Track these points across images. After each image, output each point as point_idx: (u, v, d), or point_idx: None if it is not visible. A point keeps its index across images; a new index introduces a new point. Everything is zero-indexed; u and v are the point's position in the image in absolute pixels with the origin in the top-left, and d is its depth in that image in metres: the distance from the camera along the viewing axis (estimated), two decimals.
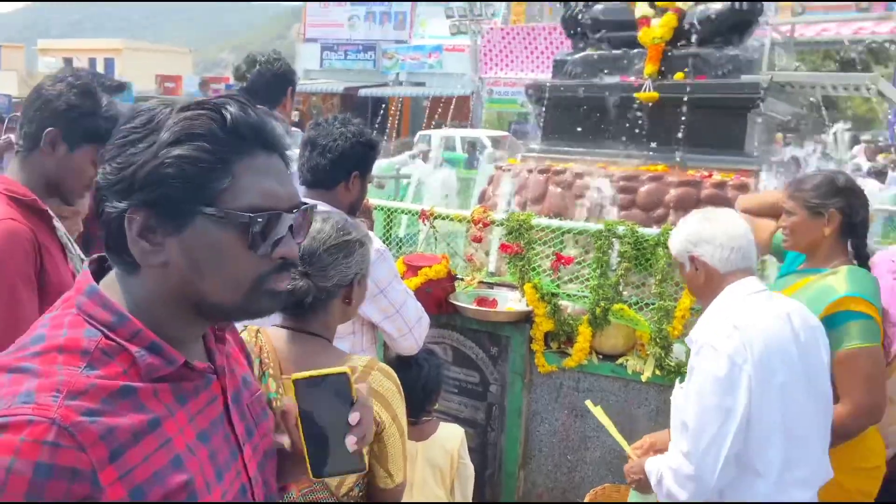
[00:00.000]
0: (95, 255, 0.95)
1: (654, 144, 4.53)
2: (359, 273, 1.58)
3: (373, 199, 3.13)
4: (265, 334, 1.54)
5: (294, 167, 2.08)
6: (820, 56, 22.60)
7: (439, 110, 18.34)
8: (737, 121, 4.31)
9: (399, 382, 1.55)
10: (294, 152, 1.93)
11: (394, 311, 2.09)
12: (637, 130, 4.55)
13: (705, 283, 1.96)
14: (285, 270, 0.92)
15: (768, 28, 4.41)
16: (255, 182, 0.88)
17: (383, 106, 17.74)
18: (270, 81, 3.04)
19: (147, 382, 0.85)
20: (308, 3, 26.49)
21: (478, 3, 19.81)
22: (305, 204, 0.94)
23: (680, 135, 4.33)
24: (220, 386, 0.97)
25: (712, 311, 1.93)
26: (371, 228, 2.44)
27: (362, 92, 23.13)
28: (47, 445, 0.75)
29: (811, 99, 5.75)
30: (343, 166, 2.11)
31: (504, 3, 22.61)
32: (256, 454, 1.00)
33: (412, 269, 3.14)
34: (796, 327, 1.85)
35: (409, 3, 24.76)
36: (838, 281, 2.13)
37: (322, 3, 25.92)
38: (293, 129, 3.86)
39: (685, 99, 4.30)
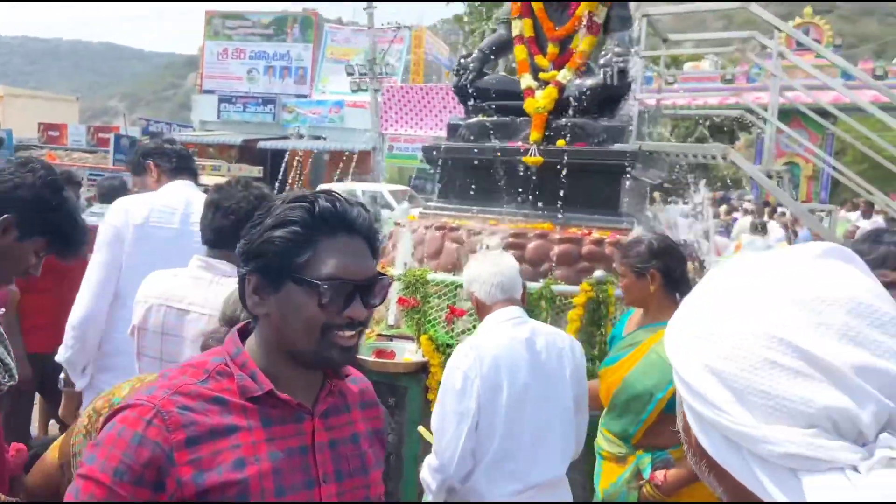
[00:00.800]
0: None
1: (539, 204, 4.90)
2: None
3: None
4: None
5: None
6: (693, 122, 24.75)
7: (341, 164, 18.56)
8: (611, 184, 4.74)
9: None
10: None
11: None
12: (524, 191, 4.91)
13: (479, 312, 2.40)
14: (352, 328, 1.17)
15: (636, 102, 4.90)
16: (332, 257, 1.15)
17: (284, 159, 17.73)
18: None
19: (240, 399, 1.15)
20: (206, 55, 26.31)
21: (378, 61, 20.37)
22: (379, 276, 1.20)
23: (562, 196, 4.71)
24: (311, 426, 1.19)
25: (479, 329, 2.39)
26: None
27: (261, 144, 23.03)
28: (144, 421, 1.07)
29: (682, 164, 6.38)
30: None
31: (402, 64, 23.39)
32: (341, 497, 1.20)
33: None
34: (538, 348, 2.25)
35: (310, 58, 25.13)
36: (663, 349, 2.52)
37: (220, 55, 25.83)
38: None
39: (566, 164, 4.70)
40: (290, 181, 16.64)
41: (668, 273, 2.52)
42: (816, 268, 0.61)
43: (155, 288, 2.16)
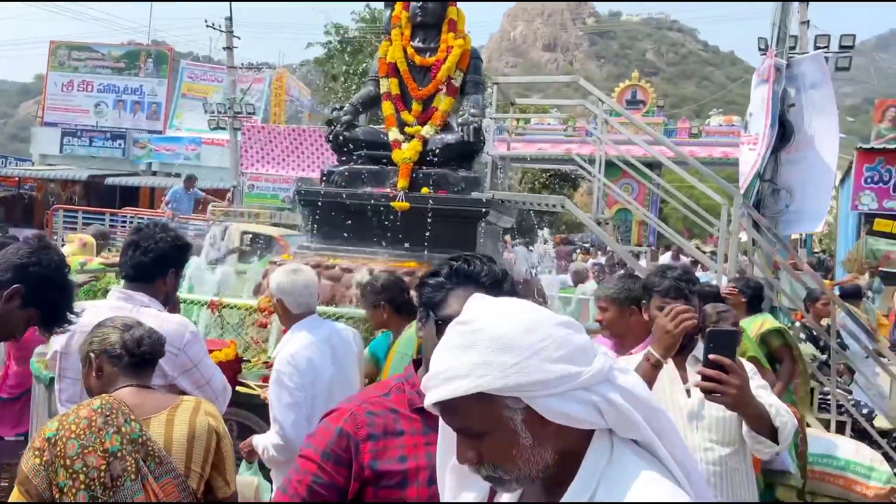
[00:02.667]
0: None
1: (406, 244, 5.43)
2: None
3: None
4: (116, 395, 1.96)
5: None
6: (540, 171, 26.71)
7: (199, 204, 18.13)
8: (470, 227, 5.38)
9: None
10: None
11: (204, 382, 2.54)
12: (393, 233, 5.43)
13: (284, 318, 2.98)
14: None
15: (489, 157, 5.61)
16: (453, 303, 1.51)
17: (141, 197, 17.06)
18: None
19: (409, 411, 1.53)
20: (48, 86, 24.80)
21: (238, 100, 20.28)
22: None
23: (427, 237, 5.27)
24: None
25: (284, 340, 2.96)
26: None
27: (110, 181, 21.96)
28: (344, 420, 1.50)
29: (531, 210, 7.20)
30: (162, 264, 2.56)
31: (263, 104, 23.39)
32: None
33: None
34: (334, 342, 2.92)
35: (165, 93, 24.45)
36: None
37: (65, 87, 24.48)
38: None
39: (430, 209, 5.28)
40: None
41: (394, 302, 3.31)
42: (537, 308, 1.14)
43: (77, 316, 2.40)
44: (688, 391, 2.30)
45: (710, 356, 1.89)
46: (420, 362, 1.62)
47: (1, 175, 23.21)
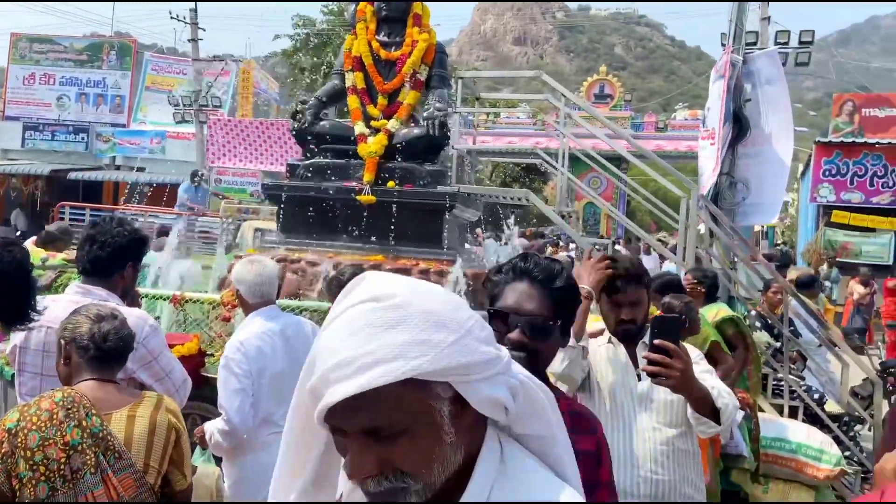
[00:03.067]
0: None
1: (373, 238, 5.47)
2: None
3: None
4: (77, 388, 1.98)
5: None
6: (516, 166, 26.87)
7: (164, 198, 17.88)
8: (435, 221, 5.44)
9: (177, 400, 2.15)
10: None
11: (164, 375, 2.56)
12: (359, 226, 5.47)
13: (243, 308, 3.04)
14: (515, 350, 1.54)
15: (455, 150, 5.67)
16: (505, 296, 1.64)
17: (105, 192, 16.78)
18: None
19: None
20: (9, 79, 24.20)
21: (203, 92, 20.01)
22: (535, 314, 1.60)
23: (393, 231, 5.31)
24: None
25: (241, 326, 3.00)
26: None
27: (73, 175, 21.53)
28: None
29: (499, 203, 7.28)
30: (120, 258, 2.57)
31: (229, 96, 23.12)
32: None
33: None
34: (289, 335, 2.94)
35: (128, 86, 24.03)
36: None
37: (26, 80, 23.91)
38: None
39: (396, 203, 5.33)
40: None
41: None
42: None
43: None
44: (638, 375, 2.39)
45: (656, 341, 1.99)
46: None
47: None
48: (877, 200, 16.15)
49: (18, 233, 17.09)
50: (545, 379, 1.69)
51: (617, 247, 14.98)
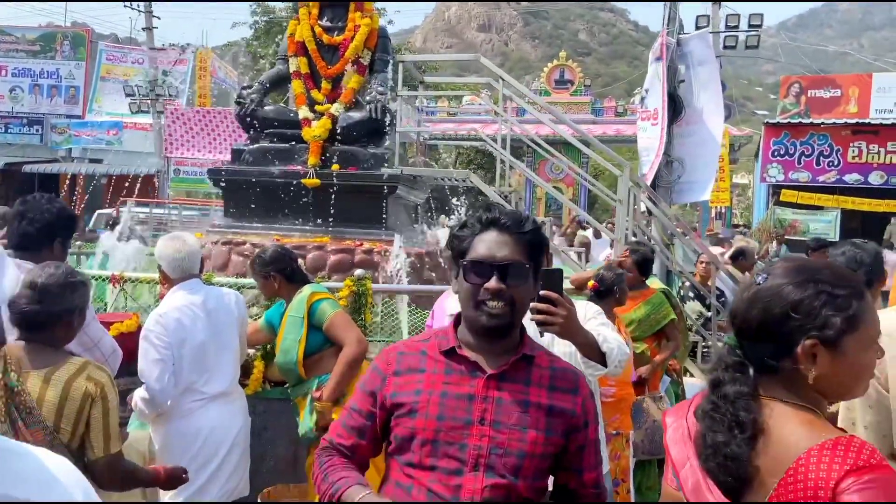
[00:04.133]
0: None
1: (318, 220, 5.60)
2: (81, 305, 2.24)
3: None
4: (9, 347, 2.10)
5: None
6: (478, 152, 27.07)
7: (124, 189, 17.69)
8: (378, 202, 5.58)
9: (112, 378, 2.23)
10: None
11: (92, 344, 2.67)
12: (304, 209, 5.59)
13: (166, 283, 3.18)
14: (495, 299, 1.59)
15: (397, 133, 5.81)
16: (478, 246, 1.63)
17: (61, 184, 16.52)
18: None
19: (437, 353, 1.65)
20: None
21: (160, 82, 19.80)
22: (511, 260, 1.62)
23: (336, 213, 5.45)
24: (483, 382, 1.60)
25: (163, 302, 3.12)
26: None
27: (28, 168, 21.15)
28: (380, 359, 1.72)
29: (447, 185, 7.45)
30: (48, 234, 2.68)
31: (187, 86, 22.86)
32: (494, 439, 1.56)
33: (105, 326, 3.64)
34: (211, 306, 3.09)
35: (83, 77, 23.60)
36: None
37: None
38: None
39: (339, 185, 5.46)
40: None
41: (283, 272, 3.40)
42: None
43: None
44: (540, 332, 2.59)
45: (542, 292, 2.18)
46: (459, 318, 1.70)
47: None
48: (823, 179, 16.69)
49: None
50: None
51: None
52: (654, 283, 5.09)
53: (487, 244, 1.62)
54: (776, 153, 16.80)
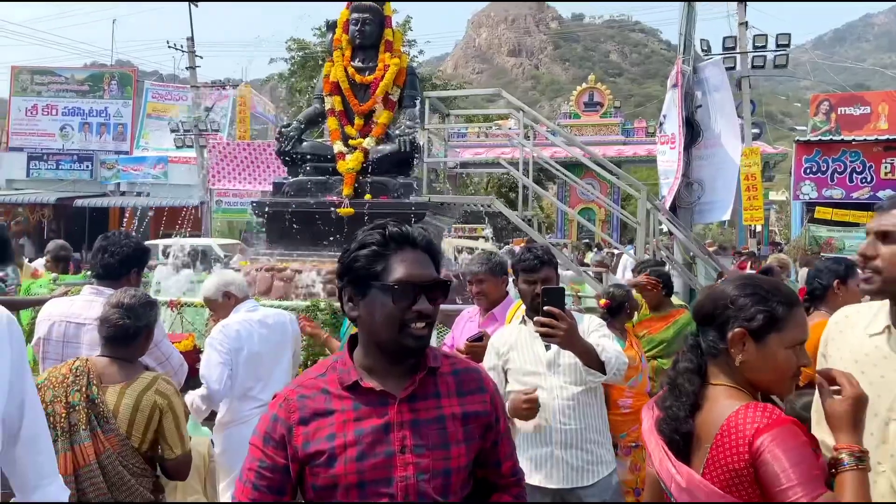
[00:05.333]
0: None
1: None
2: (154, 322, 2.66)
3: None
4: (91, 360, 2.51)
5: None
6: (508, 177, 27.49)
7: (164, 219, 18.45)
8: None
9: (177, 389, 2.62)
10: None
11: (164, 358, 3.08)
12: (339, 236, 5.99)
13: (232, 305, 3.58)
14: (421, 320, 1.48)
15: (425, 164, 6.21)
16: (400, 266, 1.47)
17: (111, 217, 17.34)
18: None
19: (340, 389, 1.51)
20: (12, 111, 24.94)
21: (203, 118, 20.70)
22: (438, 279, 1.51)
23: None
24: (395, 409, 1.48)
25: (224, 319, 3.53)
26: None
27: (78, 202, 22.20)
28: (278, 406, 1.52)
29: (477, 210, 7.83)
30: (126, 265, 3.10)
31: (227, 120, 23.81)
32: (419, 465, 1.47)
33: None
34: (269, 323, 3.50)
35: (130, 114, 24.75)
36: None
37: (29, 111, 24.66)
38: None
39: (371, 213, 5.85)
40: None
41: None
42: None
43: (56, 309, 2.98)
44: (546, 346, 2.89)
45: (545, 308, 2.50)
46: (355, 339, 1.59)
47: None
48: (857, 196, 16.62)
49: (27, 259, 17.69)
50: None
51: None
52: (675, 301, 5.33)
53: (409, 264, 1.49)
54: (808, 171, 16.80)
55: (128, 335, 2.53)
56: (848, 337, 1.89)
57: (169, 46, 20.68)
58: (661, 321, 4.50)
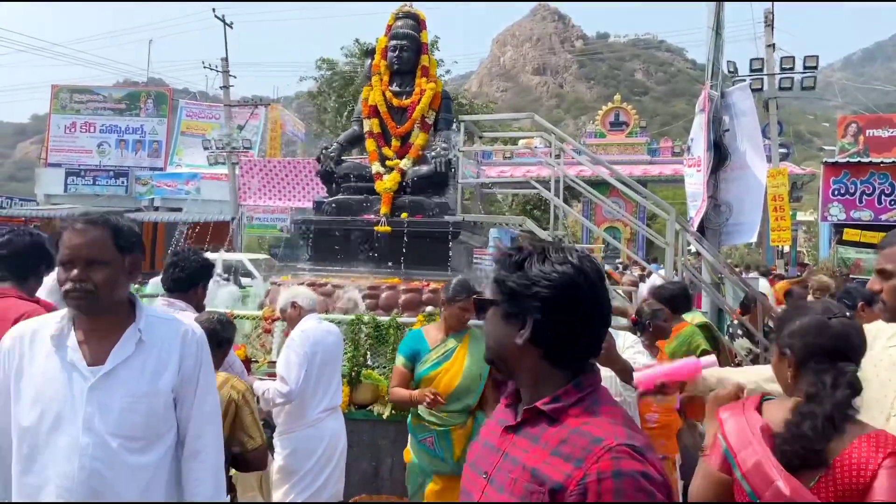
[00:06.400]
0: None
1: (389, 263, 6.23)
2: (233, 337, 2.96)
3: None
4: None
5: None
6: (536, 195, 27.67)
7: (193, 235, 18.87)
8: (443, 246, 6.17)
9: (250, 387, 2.88)
10: None
11: (229, 365, 3.33)
12: (376, 253, 6.24)
13: (296, 317, 3.86)
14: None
15: (459, 184, 6.45)
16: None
17: (144, 232, 17.83)
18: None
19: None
20: (51, 128, 25.78)
21: (235, 136, 21.21)
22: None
23: (406, 256, 6.07)
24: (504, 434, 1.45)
25: (298, 325, 3.81)
26: None
27: None
28: None
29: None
30: (194, 279, 3.37)
31: (259, 138, 24.36)
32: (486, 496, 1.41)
33: None
34: (333, 333, 3.78)
35: (165, 132, 25.45)
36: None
37: (68, 129, 25.46)
38: None
39: (408, 232, 6.09)
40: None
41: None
42: None
43: None
44: None
45: None
46: None
47: (6, 216, 24.04)
48: (886, 218, 16.55)
49: None
50: None
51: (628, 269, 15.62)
52: (696, 317, 5.46)
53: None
54: (836, 192, 16.79)
55: (218, 342, 2.81)
56: (874, 347, 2.11)
57: (204, 66, 21.26)
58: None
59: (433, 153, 6.49)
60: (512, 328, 1.42)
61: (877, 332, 2.18)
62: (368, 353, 4.49)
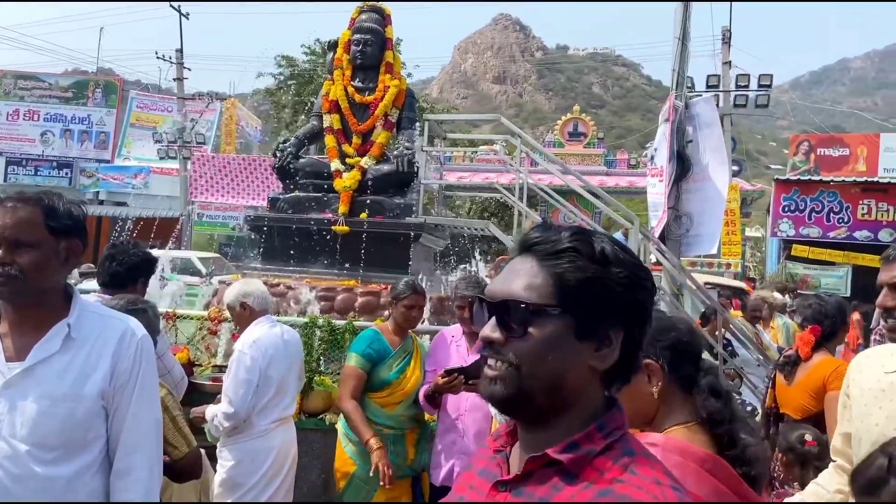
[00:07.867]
0: None
1: (346, 264, 5.98)
2: (156, 330, 2.65)
3: None
4: None
5: None
6: (492, 201, 27.68)
7: (137, 230, 18.18)
8: (404, 249, 5.96)
9: (170, 390, 2.60)
10: None
11: (166, 371, 3.05)
12: (334, 254, 5.98)
13: (247, 318, 3.52)
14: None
15: (422, 185, 6.24)
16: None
17: (88, 226, 17.06)
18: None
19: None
20: None
21: (187, 129, 20.55)
22: (490, 299, 1.04)
23: (364, 258, 5.84)
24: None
25: (249, 330, 3.47)
26: None
27: None
28: None
29: (466, 233, 7.85)
30: (134, 274, 3.08)
31: (213, 133, 23.70)
32: None
33: None
34: (286, 339, 3.47)
35: (113, 123, 24.54)
36: None
37: (10, 116, 24.34)
38: None
39: (367, 232, 5.86)
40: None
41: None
42: None
43: None
44: None
45: None
46: None
47: None
48: (833, 235, 16.97)
49: None
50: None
51: None
52: None
53: (504, 275, 1.12)
54: (787, 209, 17.13)
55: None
56: (867, 375, 2.02)
57: (157, 57, 20.57)
58: None
59: (396, 152, 6.28)
60: (584, 346, 1.01)
61: (870, 357, 2.08)
62: (322, 358, 4.23)
